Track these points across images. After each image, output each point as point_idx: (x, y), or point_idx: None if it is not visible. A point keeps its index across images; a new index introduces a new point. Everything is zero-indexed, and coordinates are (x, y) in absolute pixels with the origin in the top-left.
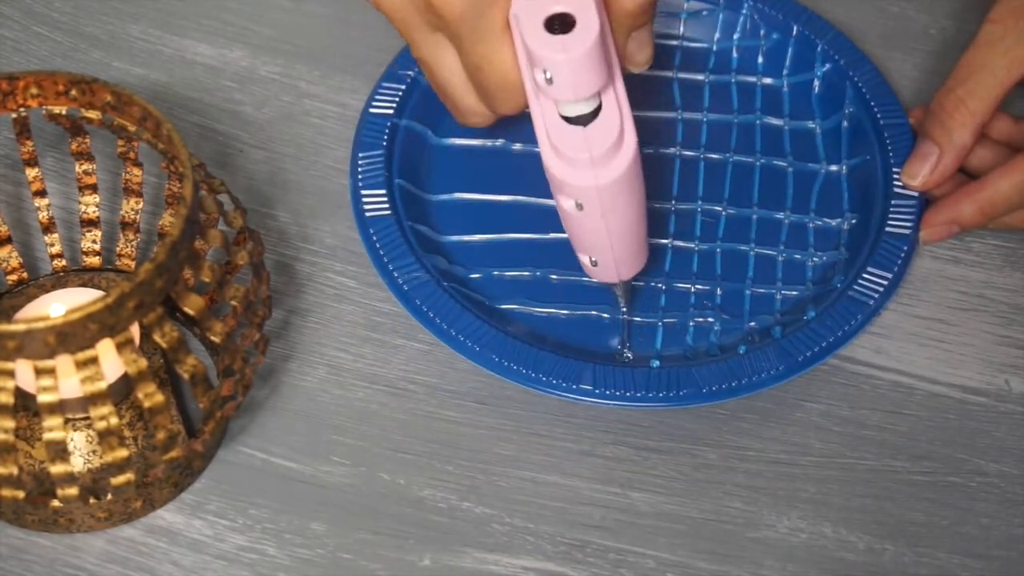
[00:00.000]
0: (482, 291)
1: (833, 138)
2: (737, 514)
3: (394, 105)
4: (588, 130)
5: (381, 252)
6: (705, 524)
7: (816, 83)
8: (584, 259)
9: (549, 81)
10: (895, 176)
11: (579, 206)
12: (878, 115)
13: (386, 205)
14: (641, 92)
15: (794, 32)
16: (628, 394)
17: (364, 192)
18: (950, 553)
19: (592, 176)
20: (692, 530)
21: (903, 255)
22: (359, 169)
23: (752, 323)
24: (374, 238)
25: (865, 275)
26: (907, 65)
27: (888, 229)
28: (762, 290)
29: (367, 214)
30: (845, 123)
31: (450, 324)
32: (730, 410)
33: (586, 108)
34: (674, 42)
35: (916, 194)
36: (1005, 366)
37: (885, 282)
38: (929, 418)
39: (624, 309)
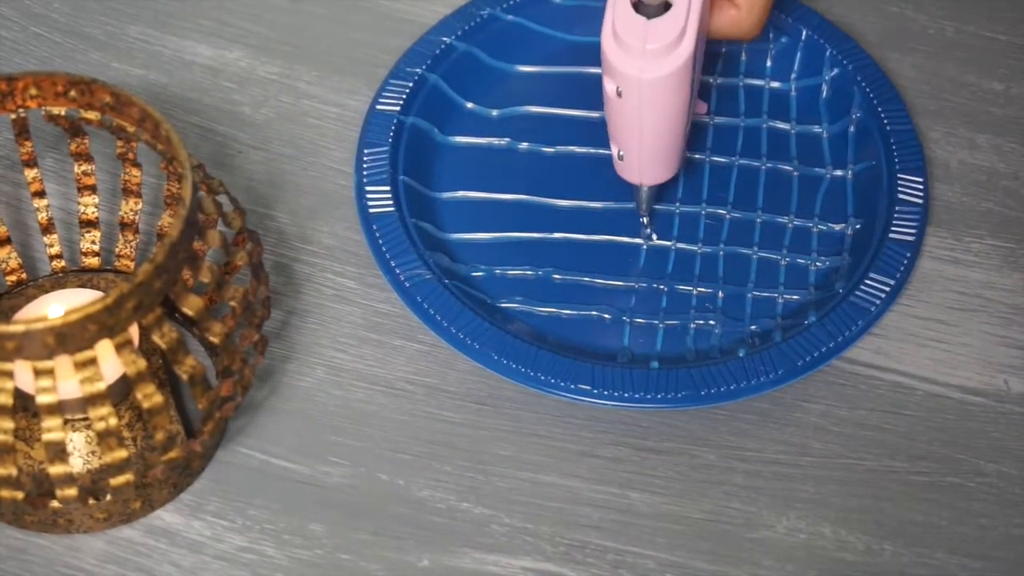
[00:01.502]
0: (484, 289)
1: (839, 143)
2: (736, 514)
3: (401, 102)
4: (650, 23)
5: (384, 248)
6: (704, 524)
7: (824, 88)
8: (614, 150)
9: None
10: (900, 182)
11: (619, 93)
12: (885, 121)
13: (390, 202)
14: None
15: (803, 36)
16: (627, 395)
17: (368, 188)
18: (949, 553)
19: (638, 67)
20: (691, 530)
21: (906, 261)
22: (364, 165)
23: (753, 327)
24: (377, 235)
25: (867, 281)
26: (905, 65)
27: (892, 235)
28: (764, 294)
29: (371, 210)
30: (852, 128)
31: (450, 322)
32: (729, 411)
33: None
34: None
35: (920, 201)
36: (1004, 366)
37: (887, 288)
38: (928, 418)
39: (643, 218)
